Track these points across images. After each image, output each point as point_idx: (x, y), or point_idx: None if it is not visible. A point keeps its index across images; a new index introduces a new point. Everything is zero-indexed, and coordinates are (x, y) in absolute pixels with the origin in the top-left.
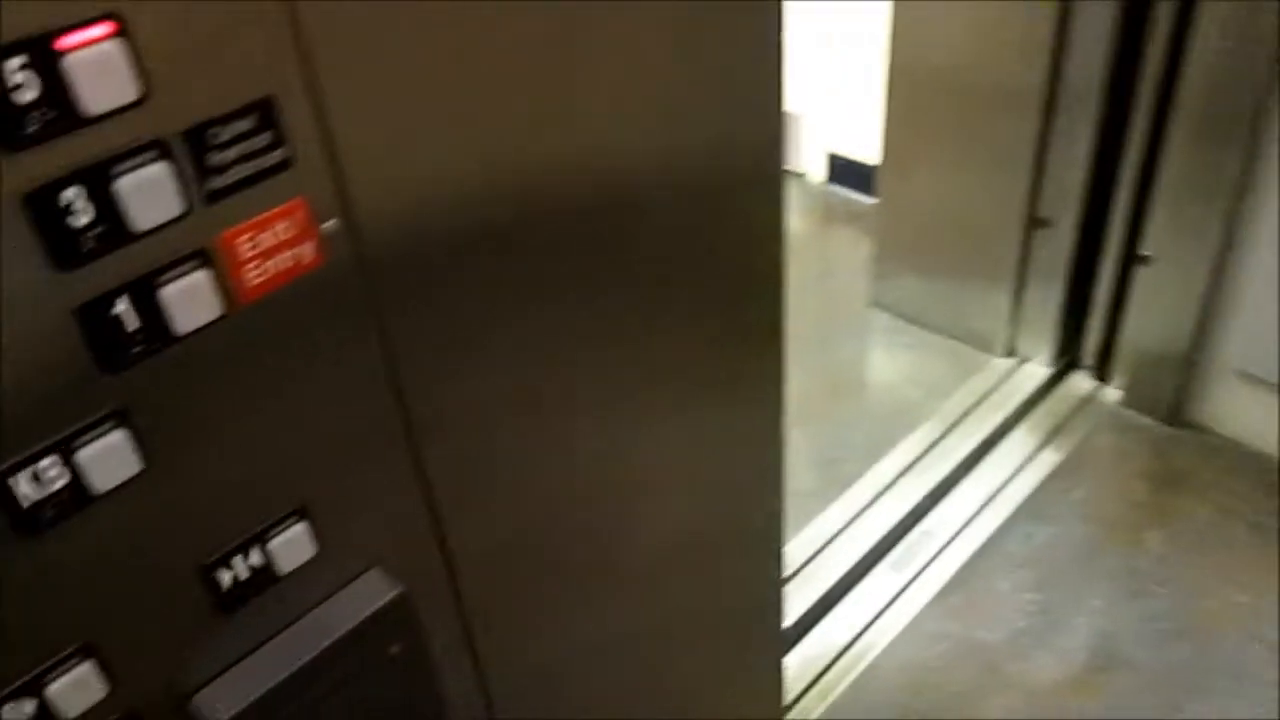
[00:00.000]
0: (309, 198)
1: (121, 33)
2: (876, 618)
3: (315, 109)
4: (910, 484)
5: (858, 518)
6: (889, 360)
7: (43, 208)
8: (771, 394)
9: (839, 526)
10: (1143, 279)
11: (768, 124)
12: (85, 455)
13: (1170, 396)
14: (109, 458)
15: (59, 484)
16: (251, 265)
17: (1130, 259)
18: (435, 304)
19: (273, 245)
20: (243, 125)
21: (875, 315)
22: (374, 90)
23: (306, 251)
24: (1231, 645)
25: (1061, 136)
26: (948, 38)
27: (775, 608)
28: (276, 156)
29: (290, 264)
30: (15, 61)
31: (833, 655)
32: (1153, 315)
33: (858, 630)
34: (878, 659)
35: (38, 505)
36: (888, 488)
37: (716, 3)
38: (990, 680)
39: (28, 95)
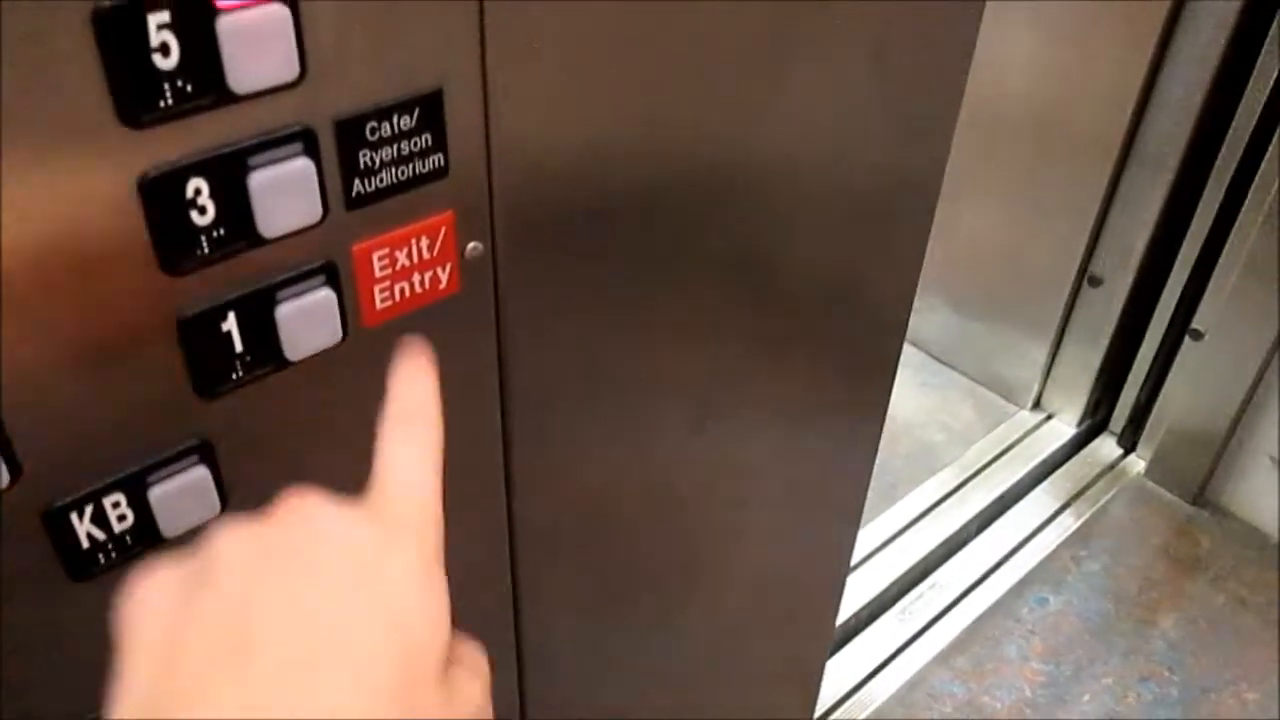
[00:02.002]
0: (458, 213)
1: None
2: (880, 669)
3: (481, 114)
4: (924, 532)
5: (868, 560)
6: (913, 398)
7: (160, 199)
8: (871, 432)
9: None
10: (1189, 352)
11: (937, 150)
12: (159, 493)
13: (1198, 474)
14: (185, 497)
15: (124, 525)
16: (381, 286)
17: (1180, 331)
18: (559, 341)
19: (407, 265)
20: (404, 121)
21: (905, 348)
22: (546, 95)
23: (443, 275)
24: None
25: (1130, 194)
26: (1031, 75)
27: (822, 648)
28: (434, 162)
29: (423, 288)
30: (159, 16)
31: (834, 700)
32: (1194, 391)
33: (860, 679)
34: (878, 711)
35: (96, 547)
36: (901, 532)
37: (918, 20)
38: None
39: (166, 62)
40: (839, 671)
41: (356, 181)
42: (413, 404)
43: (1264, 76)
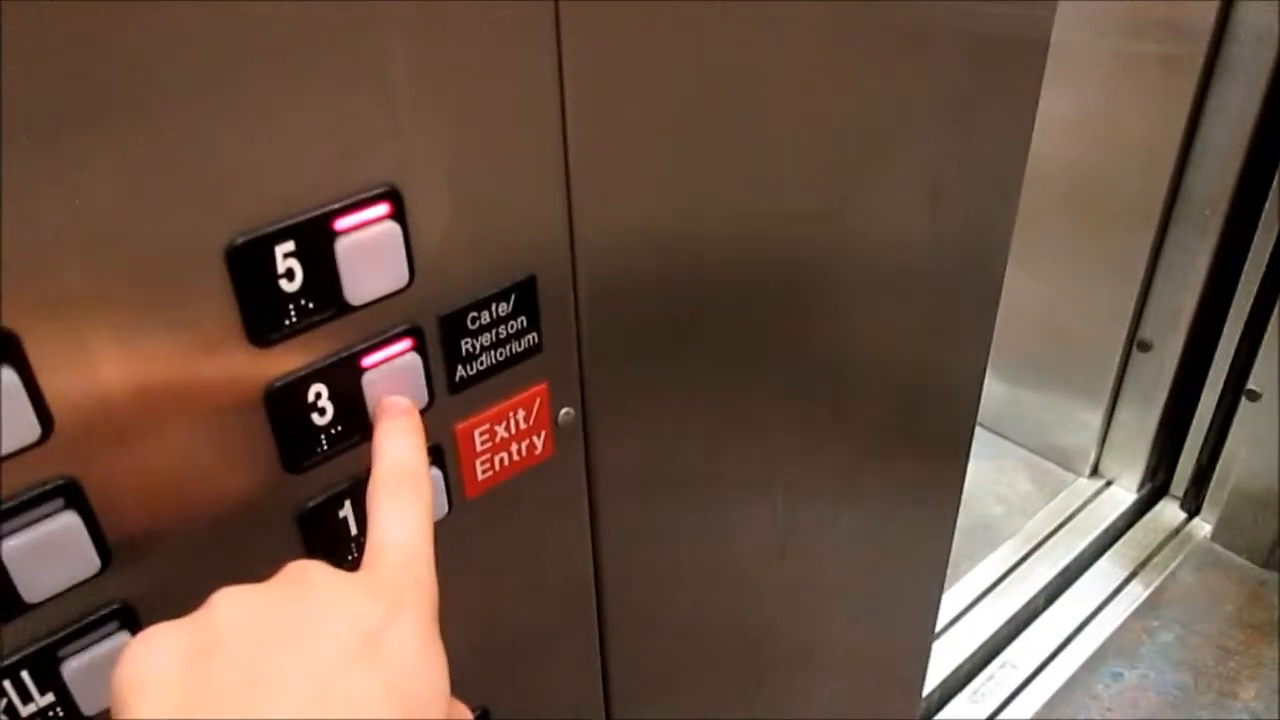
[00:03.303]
0: (551, 383)
1: (397, 213)
2: None
3: (572, 288)
4: (990, 608)
5: (935, 640)
6: (969, 471)
7: (283, 406)
8: (947, 517)
9: None
10: (1246, 413)
11: (1004, 219)
12: None
13: (1267, 536)
14: None
15: None
16: (482, 459)
17: (1236, 391)
18: (646, 484)
19: (506, 438)
20: (501, 308)
21: None
22: (630, 266)
23: (538, 443)
24: None
25: (1175, 254)
26: (1067, 139)
27: None
28: (529, 341)
29: (520, 456)
30: (286, 246)
31: None
32: (1254, 452)
33: None
34: None
35: None
36: (966, 611)
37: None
38: None
39: (291, 285)
40: None
41: (459, 368)
42: (401, 466)
43: None
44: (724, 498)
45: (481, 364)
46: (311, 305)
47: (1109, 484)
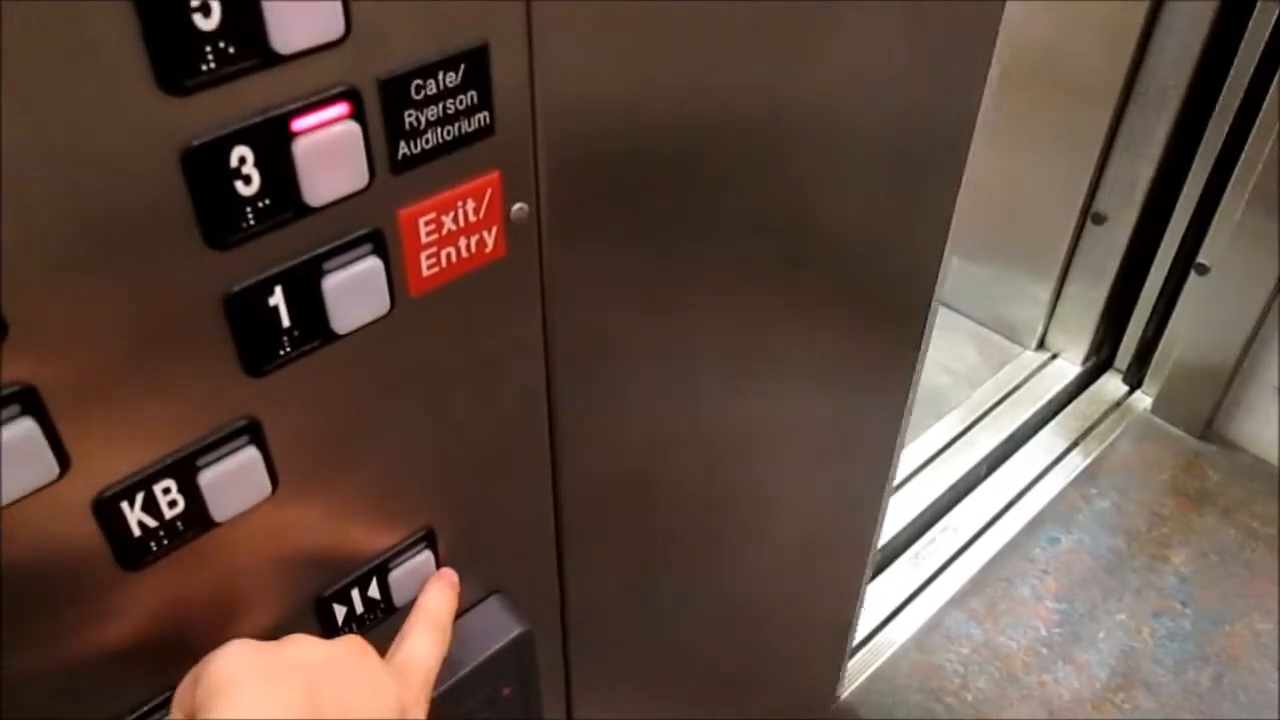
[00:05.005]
0: (504, 173)
1: None
2: (896, 613)
3: (527, 69)
4: (934, 476)
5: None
6: None
7: (203, 170)
8: (905, 381)
9: None
10: (1195, 288)
11: (969, 100)
12: (210, 476)
13: (1204, 410)
14: (236, 480)
15: (175, 511)
16: (427, 252)
17: (1185, 266)
18: (602, 302)
19: (454, 230)
20: (449, 79)
21: None
22: (590, 49)
23: (489, 239)
24: (1252, 673)
25: (1134, 131)
26: (1033, 14)
27: (854, 600)
28: (479, 120)
29: (469, 253)
30: None
31: (853, 645)
32: (1199, 326)
33: (876, 624)
34: (896, 655)
35: (147, 535)
36: (911, 477)
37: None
38: (1010, 690)
39: (207, 22)
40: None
41: (402, 144)
42: (437, 614)
43: (1267, 10)
44: (682, 334)
45: (427, 141)
46: (232, 49)
47: (1054, 357)
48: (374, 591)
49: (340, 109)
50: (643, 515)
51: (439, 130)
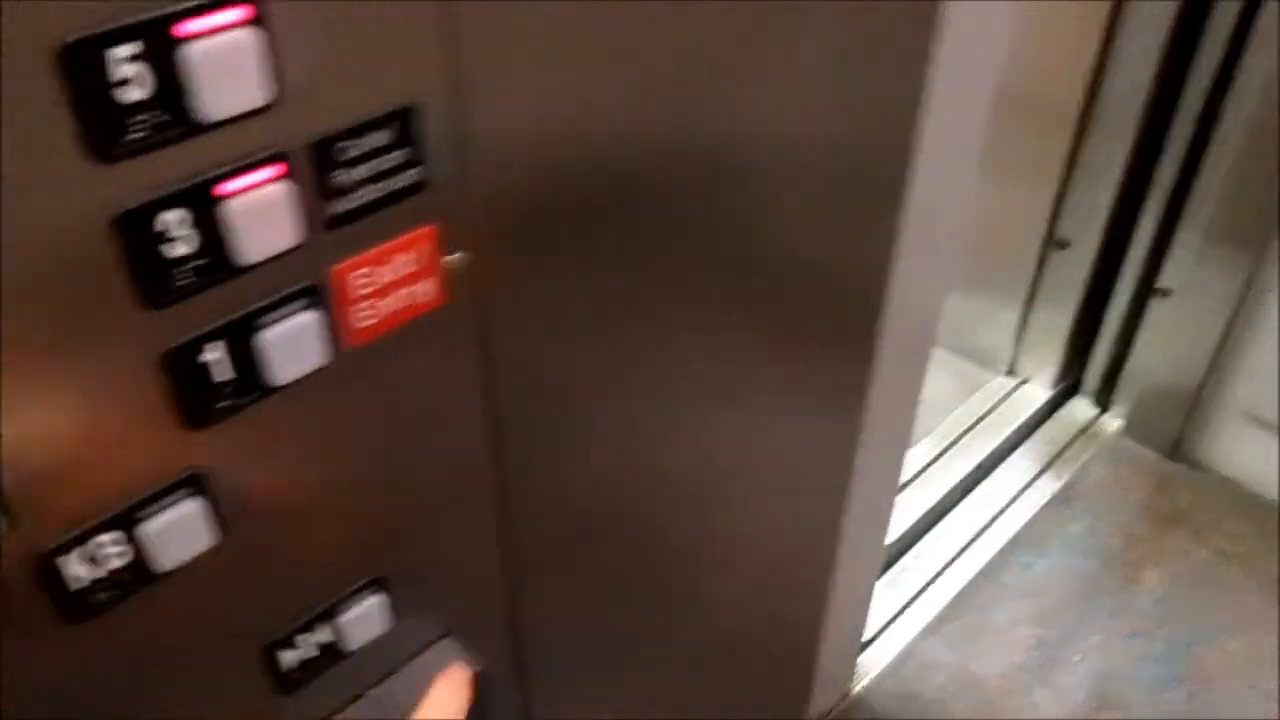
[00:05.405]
0: (440, 225)
1: (256, 20)
2: (871, 641)
3: (458, 121)
4: (907, 503)
5: None
6: None
7: (133, 233)
8: (852, 411)
9: None
10: (1158, 311)
11: (901, 132)
12: (152, 528)
13: (1173, 431)
14: (179, 531)
15: (118, 563)
16: (364, 304)
17: (1147, 290)
18: (544, 343)
19: (390, 281)
20: (378, 139)
21: None
22: (522, 99)
23: (426, 289)
24: (1227, 693)
25: (1093, 156)
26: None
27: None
28: (411, 177)
29: (405, 303)
30: (123, 50)
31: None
32: (1163, 348)
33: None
34: (872, 684)
35: (90, 588)
36: None
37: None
38: (988, 716)
39: (135, 94)
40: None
41: (334, 203)
42: (445, 707)
43: (1217, 35)
44: (629, 370)
45: (360, 198)
46: (159, 120)
47: (1024, 382)
48: (324, 636)
49: (269, 171)
50: (598, 551)
51: (370, 187)
